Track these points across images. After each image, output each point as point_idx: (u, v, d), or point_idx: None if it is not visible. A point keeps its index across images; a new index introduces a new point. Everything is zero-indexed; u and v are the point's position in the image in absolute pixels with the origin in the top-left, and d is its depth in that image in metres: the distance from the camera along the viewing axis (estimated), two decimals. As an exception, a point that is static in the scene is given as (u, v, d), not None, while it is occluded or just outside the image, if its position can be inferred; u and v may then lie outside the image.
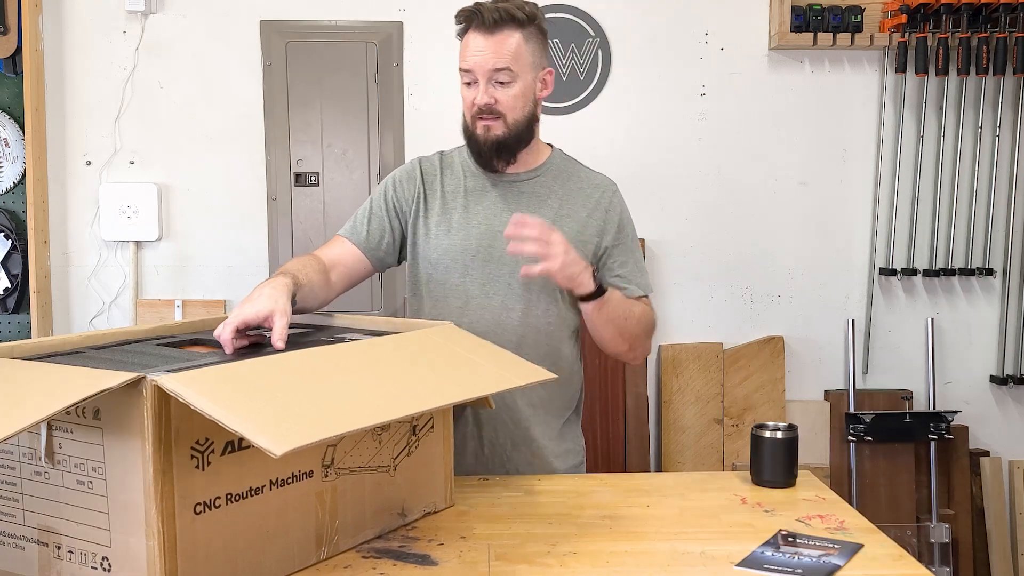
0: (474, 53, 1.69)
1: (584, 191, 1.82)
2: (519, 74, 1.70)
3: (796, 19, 3.05)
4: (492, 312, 1.76)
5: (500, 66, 1.68)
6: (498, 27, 1.67)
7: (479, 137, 1.73)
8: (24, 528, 1.21)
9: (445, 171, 1.84)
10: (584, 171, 1.86)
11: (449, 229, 1.79)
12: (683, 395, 3.17)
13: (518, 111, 1.72)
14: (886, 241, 3.20)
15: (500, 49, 1.68)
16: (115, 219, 3.10)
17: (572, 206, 1.80)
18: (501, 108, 1.70)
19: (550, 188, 1.80)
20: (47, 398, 1.07)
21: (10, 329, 3.10)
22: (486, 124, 1.72)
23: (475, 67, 1.69)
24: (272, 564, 1.25)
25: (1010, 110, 3.15)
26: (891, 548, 1.38)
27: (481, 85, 1.70)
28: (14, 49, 3.00)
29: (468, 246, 1.77)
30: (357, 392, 1.24)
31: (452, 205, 1.80)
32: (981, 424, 3.24)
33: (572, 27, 3.14)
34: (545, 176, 1.81)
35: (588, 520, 1.50)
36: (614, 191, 1.85)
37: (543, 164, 1.82)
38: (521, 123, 1.74)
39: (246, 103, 3.13)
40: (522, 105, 1.72)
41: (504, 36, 1.68)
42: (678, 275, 3.21)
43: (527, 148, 1.78)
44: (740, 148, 3.19)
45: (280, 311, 1.42)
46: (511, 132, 1.73)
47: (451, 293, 1.78)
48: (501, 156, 1.75)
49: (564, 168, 1.84)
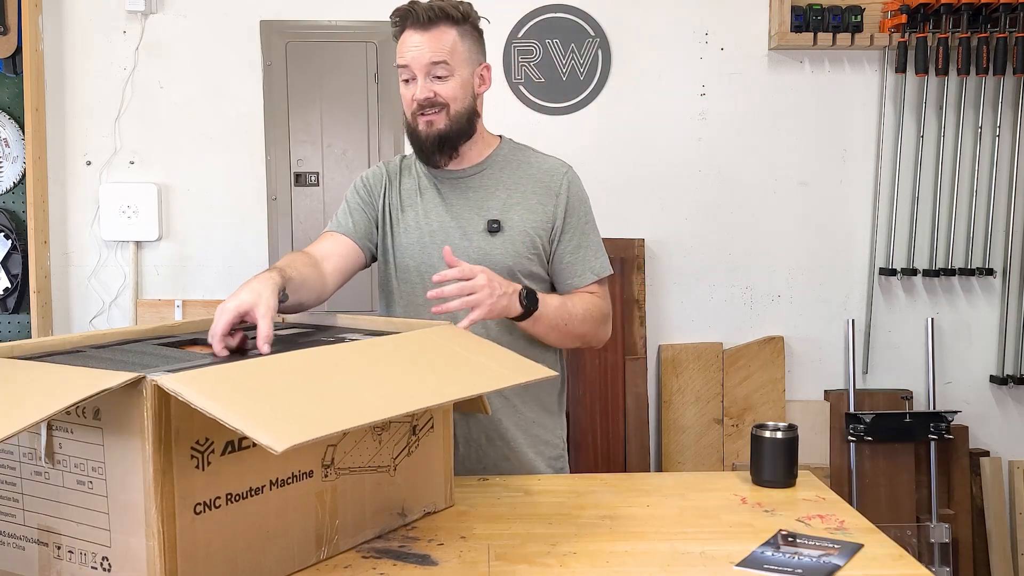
0: (410, 48, 1.71)
1: (535, 177, 1.82)
2: (456, 68, 1.73)
3: (796, 19, 3.06)
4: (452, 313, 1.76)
5: (437, 59, 1.71)
6: (433, 24, 1.71)
7: (421, 133, 1.75)
8: (24, 528, 1.21)
9: (404, 172, 1.87)
10: (535, 157, 1.87)
11: (407, 228, 1.82)
12: (683, 395, 3.17)
13: (459, 102, 1.74)
14: (886, 241, 3.20)
15: (436, 44, 1.71)
16: (115, 219, 3.10)
17: (522, 194, 1.80)
18: (442, 99, 1.73)
19: (497, 179, 1.82)
20: (47, 398, 1.07)
21: (10, 329, 3.10)
22: (428, 119, 1.74)
23: (412, 62, 1.71)
24: (272, 564, 1.25)
25: (1010, 110, 3.16)
26: (891, 548, 1.38)
27: (419, 80, 1.72)
28: (14, 49, 3.00)
29: (424, 243, 1.80)
30: (357, 391, 1.24)
31: (408, 204, 1.84)
32: (981, 424, 3.24)
33: (572, 27, 3.14)
34: (492, 168, 1.83)
35: (588, 520, 1.50)
36: (565, 173, 1.84)
37: (489, 157, 1.84)
38: (462, 115, 1.75)
39: (246, 103, 3.13)
40: (462, 96, 1.75)
41: (439, 32, 1.71)
42: (678, 275, 3.21)
43: (469, 142, 1.80)
44: (740, 148, 3.19)
45: (264, 304, 1.40)
46: (452, 124, 1.75)
47: (415, 291, 1.81)
48: (443, 150, 1.76)
49: (512, 157, 1.85)
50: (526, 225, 1.78)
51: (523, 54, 3.15)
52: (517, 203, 1.80)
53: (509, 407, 1.82)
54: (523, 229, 1.77)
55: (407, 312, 1.82)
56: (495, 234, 1.77)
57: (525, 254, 1.78)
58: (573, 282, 1.82)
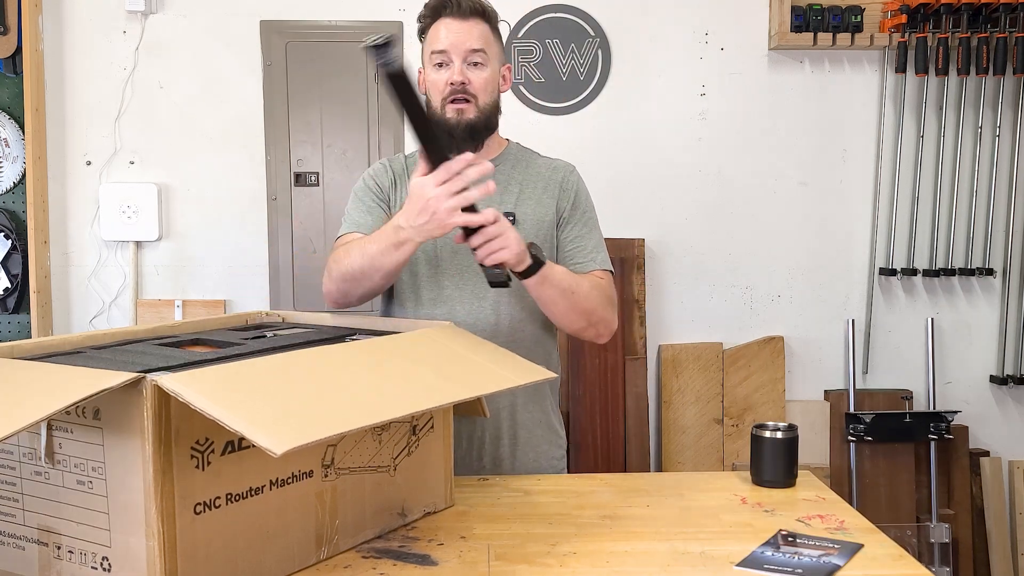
0: (449, 35, 1.74)
1: (542, 174, 1.85)
2: (490, 59, 1.76)
3: (796, 19, 3.06)
4: (465, 303, 1.78)
5: (476, 47, 1.74)
6: (471, 15, 1.75)
7: (451, 121, 1.75)
8: (24, 528, 1.21)
9: (410, 167, 1.87)
10: (542, 159, 1.90)
11: None
12: (683, 395, 3.17)
13: (488, 95, 1.77)
14: (886, 241, 3.20)
15: (474, 32, 1.75)
16: (115, 219, 3.10)
17: (532, 188, 1.83)
18: (473, 90, 1.74)
19: (510, 175, 1.84)
20: (47, 398, 1.07)
21: (10, 329, 3.10)
22: (458, 107, 1.75)
23: (451, 47, 1.73)
24: (272, 564, 1.25)
25: (1010, 110, 3.16)
26: (891, 548, 1.38)
27: (456, 65, 1.74)
28: (14, 49, 3.00)
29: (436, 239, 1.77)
30: (357, 392, 1.24)
31: None
32: (981, 424, 3.24)
33: (572, 27, 3.14)
34: (504, 164, 1.84)
35: (588, 520, 1.50)
36: (571, 171, 1.88)
37: (502, 154, 1.86)
38: (490, 108, 1.78)
39: (246, 103, 3.13)
40: (491, 91, 1.78)
41: (475, 23, 1.75)
42: (678, 275, 3.21)
43: (491, 137, 1.83)
44: (740, 148, 3.19)
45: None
46: (481, 116, 1.76)
47: (423, 284, 1.80)
48: (472, 139, 1.77)
49: (522, 157, 1.88)
50: (534, 217, 1.80)
51: (523, 54, 3.15)
52: (528, 197, 1.82)
53: (514, 406, 1.82)
54: (534, 221, 1.80)
55: (416, 308, 1.80)
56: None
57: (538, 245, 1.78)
58: (576, 269, 1.81)
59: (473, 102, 1.75)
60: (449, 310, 1.78)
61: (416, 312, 1.80)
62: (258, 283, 3.16)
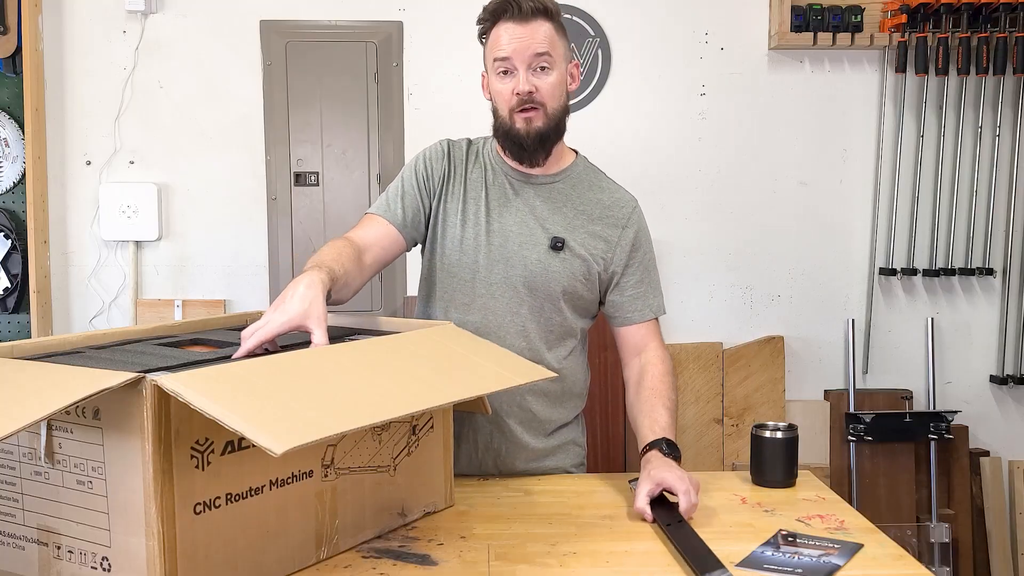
0: (512, 40, 1.64)
1: (603, 203, 1.78)
2: (556, 61, 1.66)
3: (796, 19, 3.05)
4: (496, 314, 1.74)
5: (541, 50, 1.64)
6: (533, 16, 1.65)
7: (520, 131, 1.67)
8: (24, 528, 1.21)
9: (471, 160, 1.79)
10: (608, 183, 1.82)
11: (465, 221, 1.75)
12: (683, 395, 3.17)
13: (556, 100, 1.68)
14: (886, 241, 3.20)
15: (537, 34, 1.65)
16: (115, 219, 3.10)
17: (588, 217, 1.76)
18: (541, 97, 1.66)
19: (568, 196, 1.77)
20: (47, 398, 1.07)
21: (10, 329, 3.10)
22: (527, 116, 1.66)
23: (514, 53, 1.64)
24: (272, 564, 1.25)
25: (1010, 110, 3.15)
26: (891, 548, 1.38)
27: (521, 72, 1.64)
28: (14, 49, 3.00)
29: (480, 242, 1.74)
30: (357, 391, 1.24)
31: (471, 196, 1.76)
32: (981, 424, 3.24)
33: (572, 27, 3.14)
34: (566, 183, 1.78)
35: (588, 520, 1.50)
36: (634, 207, 1.80)
37: (566, 169, 1.78)
38: (559, 113, 1.70)
39: (246, 103, 3.13)
40: (559, 94, 1.69)
41: (538, 24, 1.65)
42: (678, 275, 3.21)
43: (557, 146, 1.75)
44: (740, 148, 3.19)
45: (316, 318, 1.35)
46: (551, 123, 1.68)
47: (459, 287, 1.75)
48: (543, 148, 1.70)
49: (585, 177, 1.80)
50: (586, 250, 1.74)
51: (523, 54, 3.14)
52: (582, 226, 1.75)
53: (518, 406, 1.80)
54: (583, 253, 1.73)
55: (447, 310, 1.76)
56: (558, 252, 1.72)
57: (579, 278, 1.74)
58: (633, 316, 1.78)
59: (542, 110, 1.66)
60: (482, 319, 1.73)
61: (446, 314, 1.76)
62: (258, 283, 3.16)
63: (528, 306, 1.74)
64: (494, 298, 1.74)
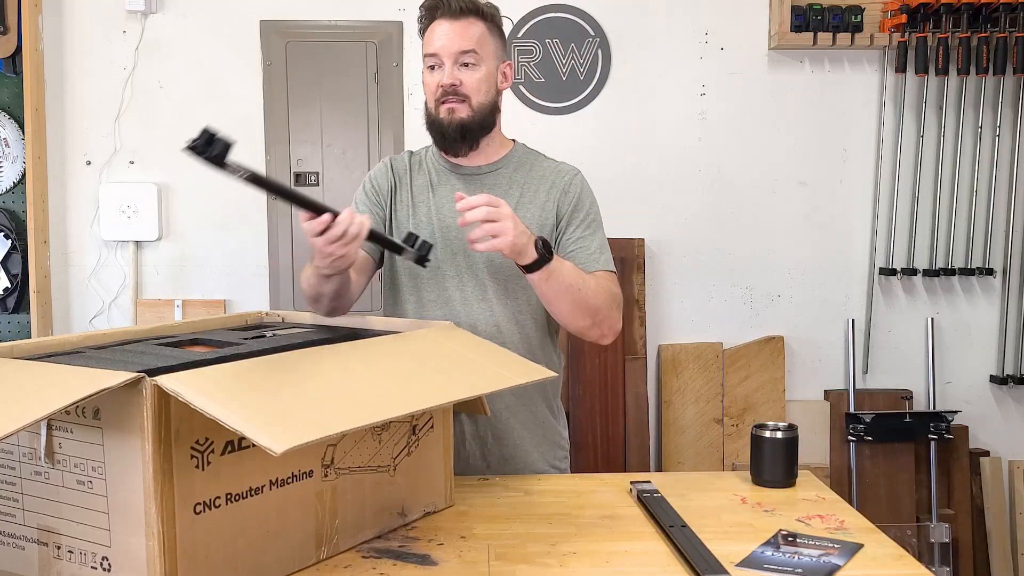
0: (440, 37, 1.74)
1: (546, 177, 1.84)
2: (483, 60, 1.75)
3: (796, 19, 3.06)
4: (466, 303, 1.78)
5: (466, 48, 1.73)
6: (463, 14, 1.74)
7: (443, 120, 1.76)
8: (24, 528, 1.21)
9: (414, 168, 1.87)
10: (547, 161, 1.89)
11: (418, 224, 1.82)
12: (683, 395, 3.17)
13: (483, 95, 1.76)
14: (886, 241, 3.20)
15: (465, 33, 1.74)
16: (115, 219, 3.10)
17: (534, 193, 1.82)
18: (466, 90, 1.74)
19: (511, 179, 1.83)
20: (47, 398, 1.07)
21: (10, 329, 3.10)
22: (450, 107, 1.75)
23: (441, 50, 1.73)
24: (272, 564, 1.25)
25: (1010, 110, 3.16)
26: (891, 548, 1.38)
27: (447, 67, 1.74)
28: (14, 49, 3.00)
29: (435, 239, 1.78)
30: (357, 391, 1.24)
31: (420, 200, 1.83)
32: (981, 424, 3.24)
33: (572, 27, 3.14)
34: (506, 167, 1.84)
35: (588, 520, 1.50)
36: (575, 174, 1.86)
37: (505, 156, 1.85)
38: (485, 107, 1.77)
39: (246, 103, 3.13)
40: (486, 90, 1.77)
41: (468, 23, 1.74)
42: (678, 275, 3.21)
43: (488, 137, 1.81)
44: (740, 148, 3.19)
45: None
46: (475, 115, 1.76)
47: (424, 286, 1.80)
48: (465, 139, 1.77)
49: (526, 160, 1.86)
50: (536, 221, 1.78)
51: (523, 54, 3.15)
52: (529, 201, 1.81)
53: (517, 406, 1.81)
54: (536, 224, 1.78)
55: (418, 309, 1.80)
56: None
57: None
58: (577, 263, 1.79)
59: (466, 102, 1.74)
60: (450, 311, 1.78)
61: (419, 313, 1.80)
62: (258, 283, 3.16)
63: (496, 290, 1.78)
64: (461, 289, 1.79)
